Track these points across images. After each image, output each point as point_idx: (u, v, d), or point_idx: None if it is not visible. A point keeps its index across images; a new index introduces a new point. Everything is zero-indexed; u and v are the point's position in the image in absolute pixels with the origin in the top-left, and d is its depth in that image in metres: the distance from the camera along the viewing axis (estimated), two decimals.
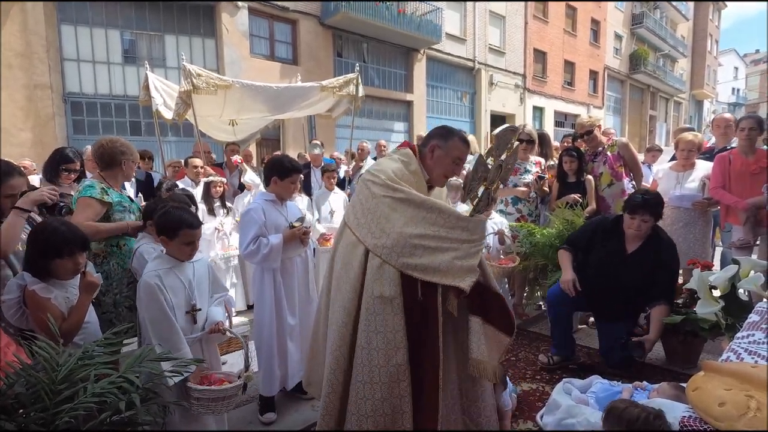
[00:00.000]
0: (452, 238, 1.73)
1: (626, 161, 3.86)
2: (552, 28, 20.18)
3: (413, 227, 1.72)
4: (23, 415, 1.28)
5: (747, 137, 3.41)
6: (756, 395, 1.01)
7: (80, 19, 9.33)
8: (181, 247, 1.98)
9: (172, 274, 1.96)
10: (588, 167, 3.95)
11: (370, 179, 1.86)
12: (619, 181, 3.83)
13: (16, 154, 7.03)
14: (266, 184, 2.67)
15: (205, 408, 1.82)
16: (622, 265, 2.76)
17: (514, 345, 3.43)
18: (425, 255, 1.70)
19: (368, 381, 1.75)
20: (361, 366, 1.77)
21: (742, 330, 1.57)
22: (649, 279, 2.71)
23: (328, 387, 1.85)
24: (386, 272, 1.72)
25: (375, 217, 1.77)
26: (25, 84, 8.50)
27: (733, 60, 47.94)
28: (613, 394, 2.31)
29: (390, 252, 1.71)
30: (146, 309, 1.89)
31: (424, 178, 1.94)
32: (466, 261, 1.72)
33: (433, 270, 1.69)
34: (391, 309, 1.73)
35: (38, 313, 1.70)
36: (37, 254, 1.76)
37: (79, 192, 2.41)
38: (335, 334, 1.84)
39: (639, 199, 2.69)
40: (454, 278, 1.69)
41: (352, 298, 1.79)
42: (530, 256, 3.59)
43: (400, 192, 1.77)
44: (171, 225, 1.95)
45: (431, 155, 1.92)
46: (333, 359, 1.84)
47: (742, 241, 3.35)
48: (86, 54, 9.46)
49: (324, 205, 4.60)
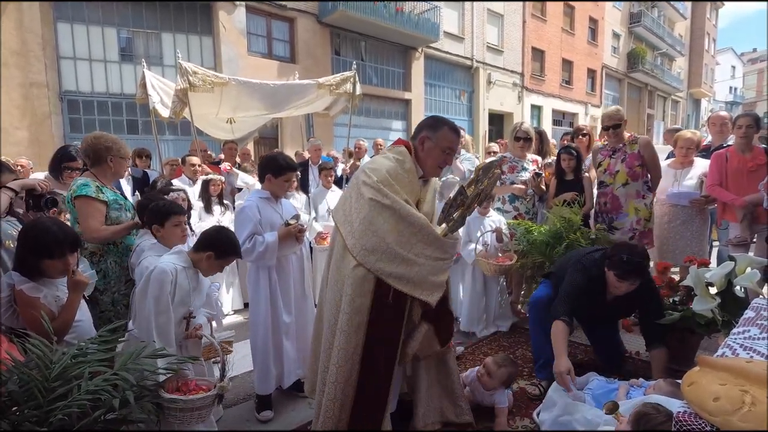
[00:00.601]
0: (427, 255, 1.80)
1: (646, 161, 3.58)
2: (550, 26, 20.19)
3: (394, 236, 1.77)
4: (17, 412, 1.27)
5: (744, 135, 3.42)
6: (751, 390, 1.01)
7: (76, 16, 9.28)
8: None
9: (185, 275, 1.98)
10: (604, 163, 3.71)
11: (363, 179, 1.87)
12: (635, 181, 3.57)
13: (13, 152, 6.99)
14: (260, 181, 2.66)
15: (173, 418, 1.72)
16: (603, 309, 2.61)
17: (511, 343, 3.43)
18: (401, 265, 1.76)
19: (333, 381, 1.83)
20: (326, 369, 1.85)
21: (737, 326, 1.58)
22: (633, 306, 2.61)
23: (321, 386, 1.90)
24: (360, 273, 1.78)
25: (359, 217, 1.81)
26: (21, 82, 8.46)
27: (731, 59, 48.06)
28: (609, 391, 2.31)
29: (368, 254, 1.76)
30: (153, 297, 1.86)
31: (418, 174, 1.96)
32: (437, 277, 1.82)
33: (407, 280, 1.77)
34: (357, 309, 1.79)
35: (28, 312, 1.70)
36: (27, 253, 1.75)
37: (74, 191, 2.34)
38: (327, 333, 1.90)
39: (632, 264, 2.31)
40: (423, 291, 1.79)
41: (339, 299, 1.85)
42: (527, 254, 3.59)
43: (388, 199, 1.79)
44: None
45: (422, 147, 1.95)
46: (325, 358, 1.89)
47: (738, 239, 3.35)
48: (83, 52, 9.42)
49: (321, 204, 4.59)
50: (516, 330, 3.64)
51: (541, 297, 2.77)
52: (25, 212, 2.24)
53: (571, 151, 4.01)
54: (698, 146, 4.10)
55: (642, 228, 3.61)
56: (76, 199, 2.32)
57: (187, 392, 1.79)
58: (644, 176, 3.63)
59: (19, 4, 8.32)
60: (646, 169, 3.62)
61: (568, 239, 3.41)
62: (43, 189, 2.21)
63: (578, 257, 2.63)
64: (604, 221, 3.73)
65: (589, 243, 3.54)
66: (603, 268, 2.43)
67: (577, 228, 3.46)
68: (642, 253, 2.39)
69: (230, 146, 5.64)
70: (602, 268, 2.44)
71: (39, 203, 2.23)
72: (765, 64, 43.92)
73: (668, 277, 3.14)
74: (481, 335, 3.56)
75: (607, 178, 3.69)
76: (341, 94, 5.57)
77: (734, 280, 2.54)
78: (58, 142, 8.46)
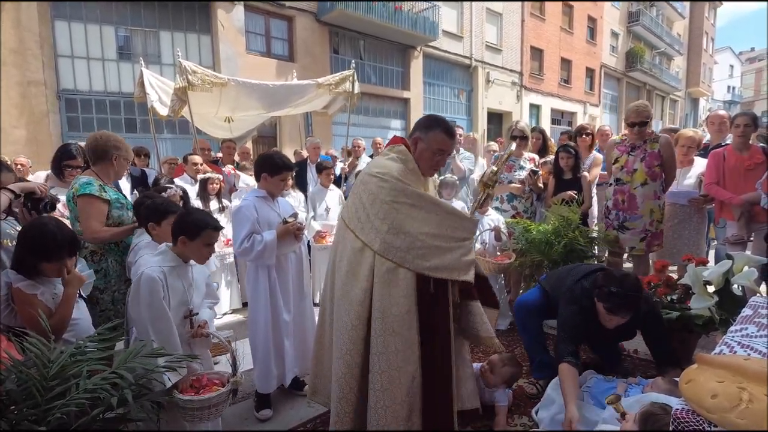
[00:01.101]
0: (457, 237, 1.86)
1: (664, 160, 3.46)
2: (549, 25, 20.18)
3: (427, 228, 1.81)
4: (15, 411, 1.27)
5: (742, 134, 3.43)
6: (748, 387, 1.01)
7: (74, 15, 9.25)
8: (201, 248, 1.95)
9: (175, 274, 1.90)
10: (621, 159, 3.57)
11: (377, 182, 1.85)
12: (654, 181, 3.46)
13: (11, 152, 6.97)
14: (256, 180, 2.65)
15: (191, 417, 1.75)
16: (602, 334, 2.45)
17: (510, 341, 3.44)
18: (436, 255, 1.81)
19: (388, 387, 1.78)
20: (379, 373, 1.79)
21: (735, 324, 1.58)
22: (634, 330, 2.52)
23: (339, 392, 1.85)
24: (400, 274, 1.79)
25: (385, 220, 1.80)
26: (19, 81, 8.43)
27: (729, 58, 48.11)
28: (607, 389, 2.32)
29: (405, 254, 1.79)
30: (146, 305, 1.78)
31: (418, 173, 1.96)
32: (468, 257, 1.88)
33: (444, 268, 1.81)
34: (406, 309, 1.79)
35: (26, 310, 1.69)
36: (26, 252, 1.75)
37: (76, 189, 2.31)
38: (344, 339, 1.85)
39: (622, 297, 2.16)
40: (460, 273, 1.84)
41: (362, 301, 1.81)
42: (526, 253, 3.60)
43: (413, 196, 1.83)
44: (194, 225, 1.92)
45: (415, 148, 1.96)
46: (343, 365, 1.84)
47: (736, 237, 3.37)
48: (80, 50, 9.39)
49: (320, 203, 4.59)
50: (514, 328, 3.64)
51: (525, 301, 2.75)
52: (22, 216, 2.24)
53: (569, 149, 4.02)
54: (699, 145, 4.10)
55: (654, 229, 3.55)
56: (78, 198, 2.30)
57: (200, 388, 1.81)
58: (662, 176, 3.53)
59: (17, 3, 8.29)
60: (662, 169, 3.51)
61: (567, 238, 3.41)
62: (43, 193, 2.20)
63: (570, 284, 2.47)
64: (616, 218, 3.63)
65: (587, 242, 3.55)
66: (591, 301, 2.29)
67: (575, 226, 3.47)
68: (634, 286, 2.21)
69: (228, 145, 5.63)
70: (591, 301, 2.29)
71: (38, 206, 2.22)
72: (763, 63, 44.01)
73: (666, 275, 3.15)
74: None
75: (624, 175, 3.55)
76: (340, 93, 5.56)
77: (732, 279, 2.55)
78: (56, 141, 8.44)
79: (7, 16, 8.20)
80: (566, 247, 3.42)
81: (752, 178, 3.31)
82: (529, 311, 2.69)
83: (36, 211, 2.22)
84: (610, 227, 3.67)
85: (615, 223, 3.64)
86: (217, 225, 2.01)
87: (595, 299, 2.26)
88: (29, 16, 8.46)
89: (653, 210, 3.53)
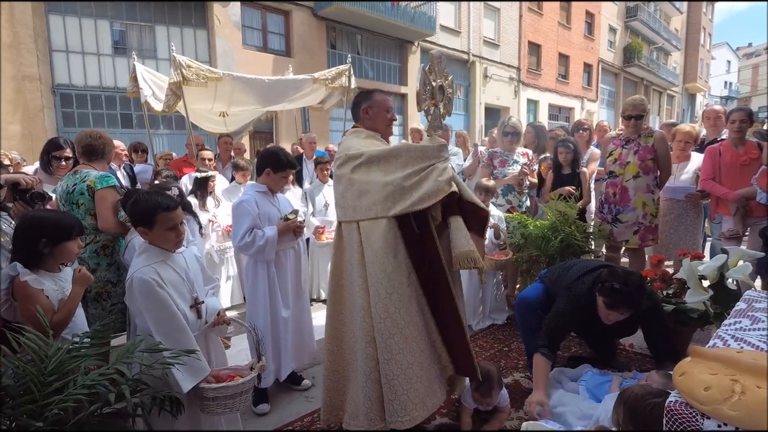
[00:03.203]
0: (425, 166, 1.88)
1: (658, 156, 3.53)
2: (546, 20, 20.13)
3: (394, 173, 1.87)
4: (12, 406, 1.27)
5: (737, 129, 3.44)
6: (741, 379, 1.03)
7: (69, 9, 9.15)
8: (163, 233, 1.75)
9: (167, 266, 1.76)
10: (615, 153, 3.62)
11: (337, 167, 2.02)
12: (646, 174, 3.51)
13: (6, 147, 6.89)
14: (258, 174, 2.65)
15: (222, 407, 1.68)
16: (601, 330, 2.50)
17: (506, 336, 3.46)
18: (414, 190, 1.84)
19: (404, 346, 1.84)
20: (386, 340, 1.84)
21: (729, 317, 1.60)
22: (634, 327, 2.53)
23: (363, 377, 1.92)
24: (379, 225, 1.85)
25: (356, 190, 1.91)
26: (13, 76, 8.35)
27: (726, 54, 48.18)
28: (602, 383, 2.34)
29: (383, 203, 1.85)
30: (146, 309, 1.66)
31: (377, 137, 2.13)
32: (444, 176, 1.86)
33: (425, 196, 1.83)
34: (395, 261, 1.85)
35: (28, 305, 1.67)
36: (33, 242, 1.72)
37: (94, 184, 2.37)
38: (358, 326, 1.94)
39: (623, 294, 2.18)
40: (440, 193, 1.85)
41: (361, 286, 1.90)
42: (523, 248, 3.61)
43: (364, 155, 1.92)
44: (145, 212, 1.73)
45: (368, 116, 2.14)
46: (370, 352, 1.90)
47: (731, 232, 3.39)
48: (75, 45, 9.30)
49: (318, 198, 4.58)
50: (511, 323, 3.67)
51: (527, 297, 2.76)
52: (17, 210, 2.19)
53: (568, 144, 4.02)
54: (696, 140, 4.11)
55: (648, 223, 3.58)
56: (101, 191, 2.36)
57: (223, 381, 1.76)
58: (655, 171, 3.57)
59: None
60: (656, 164, 3.55)
61: (563, 233, 3.43)
62: (28, 184, 2.14)
63: (570, 280, 2.50)
64: (609, 212, 3.67)
65: (584, 237, 3.56)
66: (592, 297, 2.33)
67: (572, 221, 3.48)
68: (636, 284, 2.22)
69: (225, 140, 5.60)
70: (591, 297, 2.33)
71: (25, 197, 2.18)
72: (760, 59, 44.07)
73: (662, 270, 3.17)
74: (477, 328, 3.59)
75: (617, 168, 3.60)
76: (336, 87, 5.54)
77: (726, 273, 2.57)
78: (51, 136, 8.37)
79: (0, 11, 8.11)
80: (563, 242, 3.43)
81: (748, 174, 3.33)
82: (530, 306, 2.71)
83: (24, 202, 2.18)
84: (604, 221, 3.70)
85: (609, 217, 3.68)
86: (170, 203, 1.77)
87: (597, 293, 2.29)
88: (23, 10, 8.36)
89: (646, 203, 3.55)
